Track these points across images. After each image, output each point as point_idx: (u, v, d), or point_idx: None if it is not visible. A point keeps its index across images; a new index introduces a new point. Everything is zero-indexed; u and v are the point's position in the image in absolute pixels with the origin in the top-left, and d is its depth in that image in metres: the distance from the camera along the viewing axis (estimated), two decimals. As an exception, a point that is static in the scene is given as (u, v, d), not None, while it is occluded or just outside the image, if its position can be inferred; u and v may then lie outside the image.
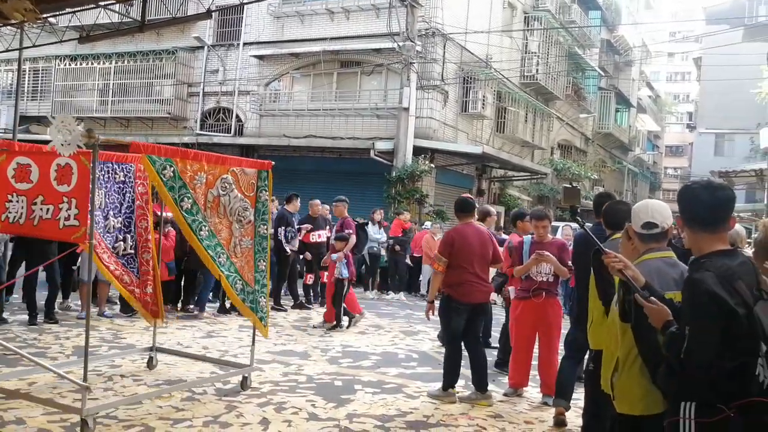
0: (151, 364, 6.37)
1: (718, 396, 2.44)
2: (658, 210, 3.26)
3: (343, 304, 9.45)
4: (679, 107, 61.28)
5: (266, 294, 5.86)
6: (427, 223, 15.30)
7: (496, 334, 8.30)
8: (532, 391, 6.37)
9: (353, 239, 9.95)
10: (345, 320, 9.44)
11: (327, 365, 7.11)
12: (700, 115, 44.63)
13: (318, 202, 11.71)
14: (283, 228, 10.78)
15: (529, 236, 6.46)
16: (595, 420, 4.22)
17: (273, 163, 6.04)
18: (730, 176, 19.86)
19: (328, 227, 11.80)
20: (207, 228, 5.27)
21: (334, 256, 9.48)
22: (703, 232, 2.70)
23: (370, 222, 13.92)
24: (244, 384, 5.85)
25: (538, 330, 6.22)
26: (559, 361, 5.83)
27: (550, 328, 6.19)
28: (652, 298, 2.78)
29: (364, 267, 14.45)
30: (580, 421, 4.94)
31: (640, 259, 3.21)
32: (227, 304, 10.05)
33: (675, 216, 3.40)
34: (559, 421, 5.44)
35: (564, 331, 6.08)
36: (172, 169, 4.96)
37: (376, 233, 13.80)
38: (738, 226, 5.37)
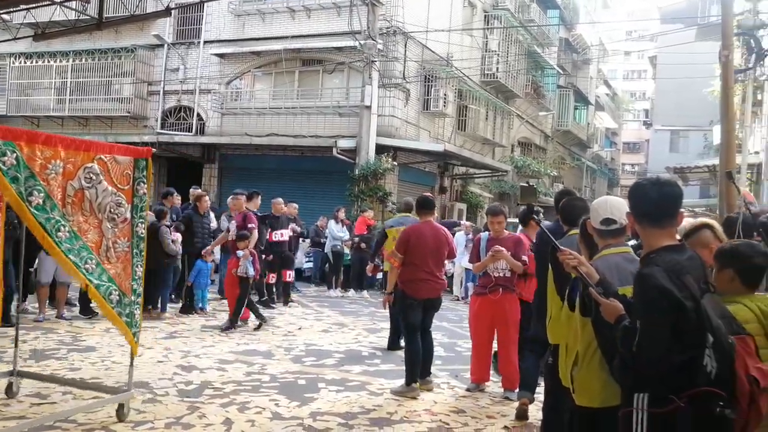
0: (10, 391, 5.23)
1: (668, 387, 2.51)
2: (617, 206, 3.32)
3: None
4: (635, 105, 62.46)
5: (140, 305, 5.02)
6: (365, 211, 15.29)
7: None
8: (494, 386, 6.47)
9: (256, 234, 9.49)
10: (253, 321, 9.14)
11: (290, 364, 7.12)
12: (656, 113, 45.62)
13: (281, 200, 11.70)
14: None
15: (486, 232, 6.52)
16: (554, 413, 4.31)
17: (153, 150, 5.12)
18: (685, 172, 20.35)
19: (290, 226, 11.82)
20: (67, 228, 4.37)
21: (240, 252, 8.97)
22: (651, 228, 2.76)
23: (333, 220, 13.96)
24: (120, 413, 4.88)
25: (496, 326, 6.25)
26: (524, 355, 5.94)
27: (507, 323, 6.19)
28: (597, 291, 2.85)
29: (327, 265, 14.49)
30: (540, 415, 5.05)
31: (599, 254, 3.29)
32: (190, 303, 10.00)
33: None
34: (521, 412, 5.52)
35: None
36: (14, 155, 4.01)
37: (339, 231, 13.85)
38: (690, 221, 5.52)
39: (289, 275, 11.60)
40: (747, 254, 3.27)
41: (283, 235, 11.40)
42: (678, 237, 4.32)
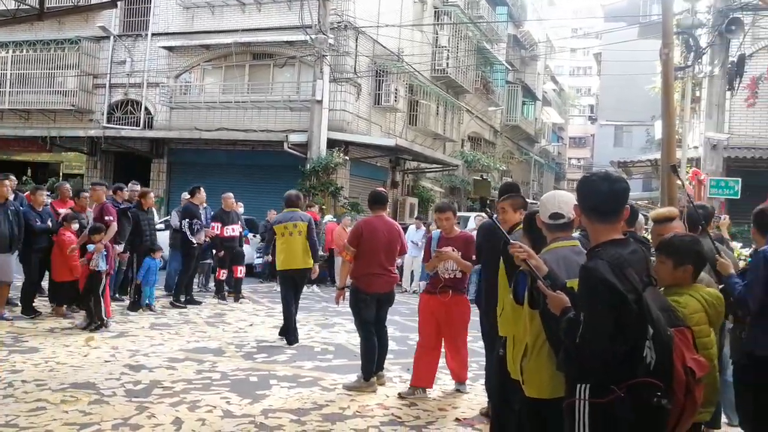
0: None
1: (610, 377, 2.57)
2: (565, 201, 3.39)
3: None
4: (581, 100, 63.77)
5: None
6: (328, 216, 15.33)
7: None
8: (445, 379, 6.55)
9: (114, 227, 8.95)
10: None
11: (242, 361, 7.07)
12: (600, 108, 46.69)
13: (231, 195, 11.60)
14: (187, 221, 10.58)
15: (438, 231, 6.26)
16: (506, 405, 4.36)
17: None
18: (628, 166, 20.84)
19: (240, 222, 11.73)
20: None
21: (91, 246, 8.41)
22: (598, 222, 2.81)
23: None
24: None
25: (443, 327, 6.04)
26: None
27: (454, 326, 6.03)
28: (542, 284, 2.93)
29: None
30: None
31: (548, 247, 3.35)
32: (138, 300, 9.83)
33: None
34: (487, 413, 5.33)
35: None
36: None
37: (288, 227, 13.80)
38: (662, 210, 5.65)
39: (240, 271, 11.51)
40: (688, 247, 3.41)
41: (234, 230, 11.31)
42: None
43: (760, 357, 3.86)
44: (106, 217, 8.85)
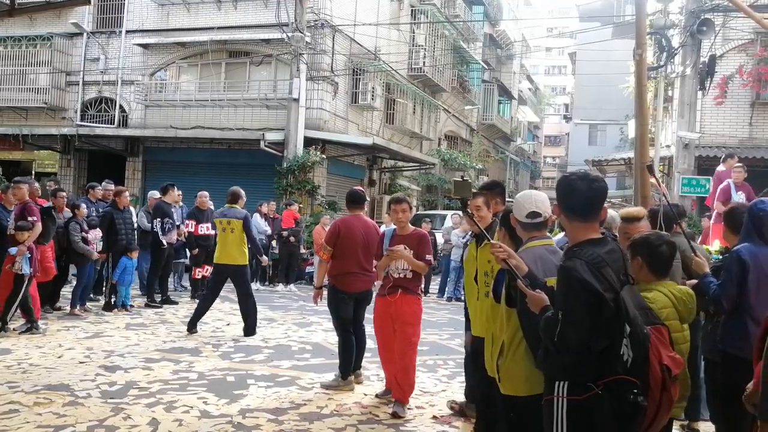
0: None
1: (587, 375, 2.62)
2: (541, 200, 3.44)
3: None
4: (556, 99, 64.28)
5: None
6: (290, 205, 15.04)
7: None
8: (423, 377, 6.57)
9: (38, 227, 8.21)
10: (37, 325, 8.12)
11: (219, 361, 7.04)
12: (575, 107, 47.16)
13: (206, 194, 11.53)
14: (159, 220, 10.49)
15: (392, 227, 5.98)
16: (486, 404, 4.24)
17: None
18: (602, 165, 21.06)
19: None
20: None
21: (13, 250, 7.84)
22: (577, 222, 2.85)
23: (257, 214, 13.83)
24: None
25: (396, 329, 5.68)
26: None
27: (404, 326, 5.62)
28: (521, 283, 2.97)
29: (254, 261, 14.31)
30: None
31: (524, 246, 3.39)
32: (113, 301, 9.74)
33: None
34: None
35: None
36: None
37: (263, 225, 13.78)
38: (612, 212, 5.75)
39: (208, 270, 11.37)
40: (654, 243, 3.48)
41: (208, 228, 11.23)
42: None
43: (730, 355, 3.92)
44: (30, 218, 8.18)
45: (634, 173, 10.93)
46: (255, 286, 13.54)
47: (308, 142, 17.14)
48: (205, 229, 11.18)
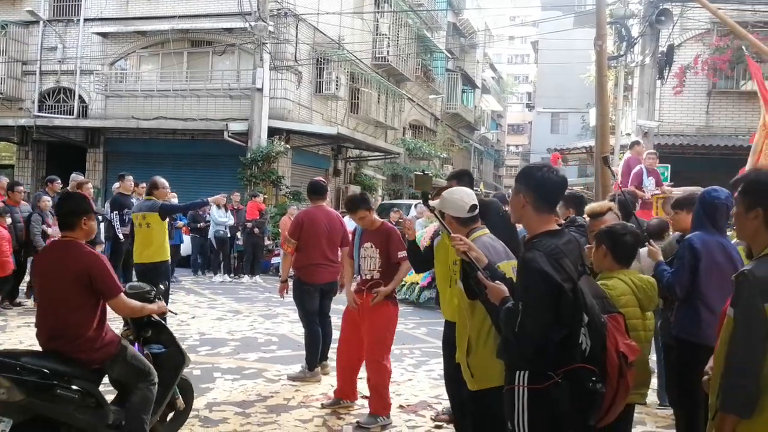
0: None
1: (547, 364, 2.68)
2: (472, 194, 3.65)
3: None
4: (519, 88, 64.76)
5: None
6: (255, 196, 14.91)
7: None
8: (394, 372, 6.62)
9: None
10: None
11: (185, 355, 7.00)
12: (538, 96, 47.64)
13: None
14: (116, 213, 10.24)
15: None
16: (456, 384, 4.08)
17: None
18: (564, 153, 21.34)
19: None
20: None
21: None
22: (539, 213, 2.89)
23: (215, 205, 13.73)
24: None
25: (363, 333, 5.27)
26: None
27: (371, 330, 5.18)
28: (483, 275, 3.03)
29: (212, 252, 14.23)
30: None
31: (471, 238, 3.46)
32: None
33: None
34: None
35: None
36: None
37: (221, 217, 13.72)
38: (600, 203, 5.81)
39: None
40: (619, 233, 3.58)
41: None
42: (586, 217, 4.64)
43: (684, 341, 4.04)
44: None
45: (595, 163, 11.13)
46: (220, 278, 13.55)
47: (272, 132, 17.03)
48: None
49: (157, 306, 4.18)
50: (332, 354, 6.72)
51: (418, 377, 6.47)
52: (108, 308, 3.83)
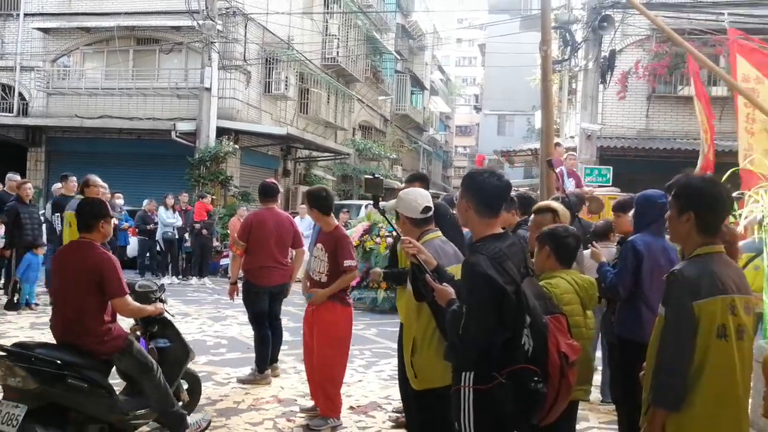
0: None
1: (491, 365, 2.74)
2: (427, 196, 3.67)
3: None
4: (466, 90, 65.34)
5: None
6: (203, 197, 14.66)
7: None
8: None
9: None
10: None
11: (132, 359, 6.91)
12: (485, 98, 48.17)
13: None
14: (59, 215, 9.98)
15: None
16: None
17: None
18: (511, 155, 21.69)
19: (116, 212, 11.33)
20: None
21: None
22: (482, 217, 2.94)
23: (162, 206, 13.57)
24: None
25: (314, 338, 5.17)
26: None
27: (320, 336, 5.09)
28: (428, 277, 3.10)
29: (160, 254, 14.03)
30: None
31: (422, 240, 3.53)
32: (16, 299, 9.35)
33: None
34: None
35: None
36: None
37: (169, 218, 13.55)
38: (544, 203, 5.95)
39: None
40: (561, 235, 3.71)
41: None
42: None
43: (627, 340, 4.16)
44: None
45: (540, 165, 11.41)
46: (168, 280, 13.34)
47: (221, 132, 16.88)
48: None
49: (154, 307, 4.49)
50: (282, 356, 6.78)
51: (368, 378, 6.53)
52: None
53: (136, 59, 18.38)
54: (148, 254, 13.94)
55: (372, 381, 6.42)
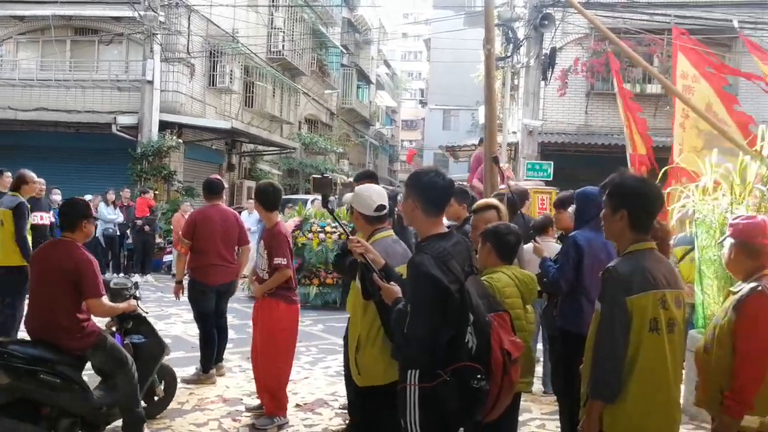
0: None
1: (436, 363, 2.79)
2: (382, 194, 3.66)
3: None
4: (412, 84, 65.64)
5: None
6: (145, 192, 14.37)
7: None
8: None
9: None
10: None
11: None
12: (430, 92, 48.57)
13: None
14: None
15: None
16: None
17: None
18: (455, 150, 21.93)
19: (52, 210, 10.99)
20: None
21: None
22: (426, 217, 2.99)
23: (103, 202, 13.27)
24: None
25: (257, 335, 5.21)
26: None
27: (264, 334, 5.10)
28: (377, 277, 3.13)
29: (100, 251, 13.70)
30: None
31: (374, 238, 3.56)
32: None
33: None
34: None
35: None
36: None
37: (110, 214, 13.26)
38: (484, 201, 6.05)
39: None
40: (503, 232, 3.81)
41: (42, 218, 10.49)
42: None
43: (568, 332, 4.27)
44: None
45: (484, 162, 11.55)
46: (109, 277, 13.02)
47: (163, 125, 16.56)
48: (38, 218, 10.46)
49: (127, 304, 4.60)
50: (228, 354, 6.73)
51: (314, 375, 6.55)
52: None
53: (74, 50, 17.83)
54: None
55: (318, 378, 6.44)
